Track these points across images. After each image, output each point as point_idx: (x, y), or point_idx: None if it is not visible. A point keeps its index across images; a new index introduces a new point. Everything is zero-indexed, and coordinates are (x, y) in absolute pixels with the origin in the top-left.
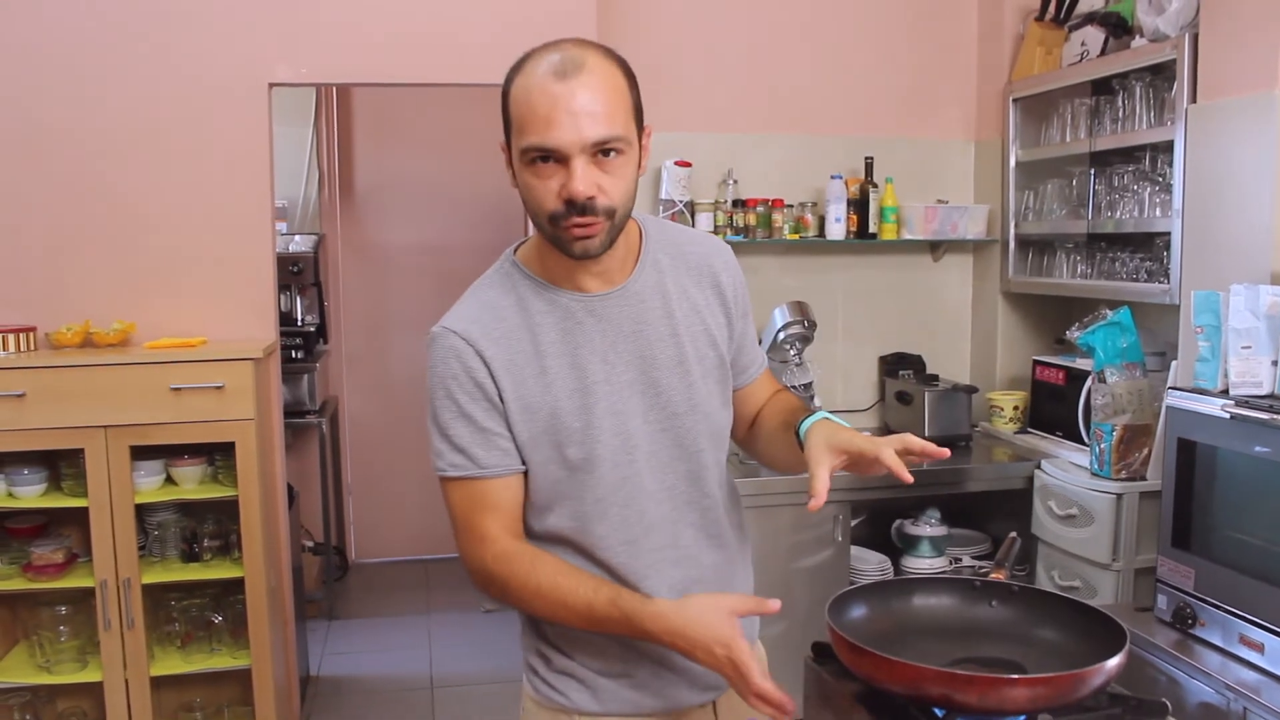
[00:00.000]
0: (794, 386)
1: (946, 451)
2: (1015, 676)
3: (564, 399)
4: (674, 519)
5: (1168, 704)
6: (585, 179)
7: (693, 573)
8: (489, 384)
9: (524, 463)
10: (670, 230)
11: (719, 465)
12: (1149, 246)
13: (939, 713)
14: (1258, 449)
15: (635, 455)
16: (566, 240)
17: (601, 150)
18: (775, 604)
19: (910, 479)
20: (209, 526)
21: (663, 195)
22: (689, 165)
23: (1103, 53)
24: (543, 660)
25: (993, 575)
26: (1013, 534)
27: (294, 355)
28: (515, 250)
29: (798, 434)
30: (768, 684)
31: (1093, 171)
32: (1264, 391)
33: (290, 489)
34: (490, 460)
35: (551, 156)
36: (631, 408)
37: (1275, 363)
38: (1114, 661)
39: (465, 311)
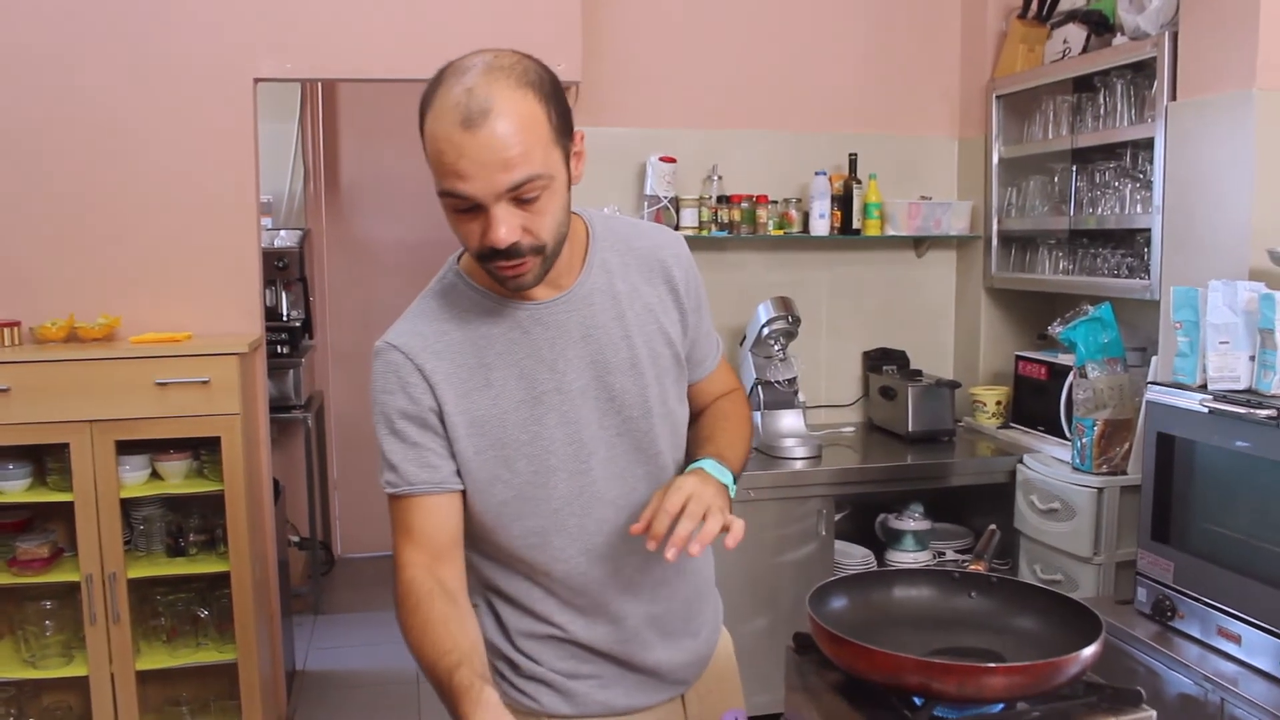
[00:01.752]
0: (778, 382)
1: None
2: (992, 665)
3: (511, 411)
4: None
5: (1142, 692)
6: (506, 226)
7: (656, 574)
8: (426, 399)
9: (461, 481)
10: (618, 226)
11: (679, 464)
12: (1130, 243)
13: (918, 701)
14: (1235, 443)
15: (591, 463)
16: (498, 278)
17: (520, 192)
18: None
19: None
20: (194, 521)
21: (647, 191)
22: (674, 161)
23: (1084, 50)
24: (510, 666)
25: (972, 567)
26: (992, 526)
27: (279, 350)
28: (459, 259)
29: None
30: None
31: (1074, 168)
32: (1241, 386)
33: (276, 484)
34: (419, 477)
35: (469, 204)
36: (585, 415)
37: (1252, 358)
38: (1089, 650)
39: (407, 325)
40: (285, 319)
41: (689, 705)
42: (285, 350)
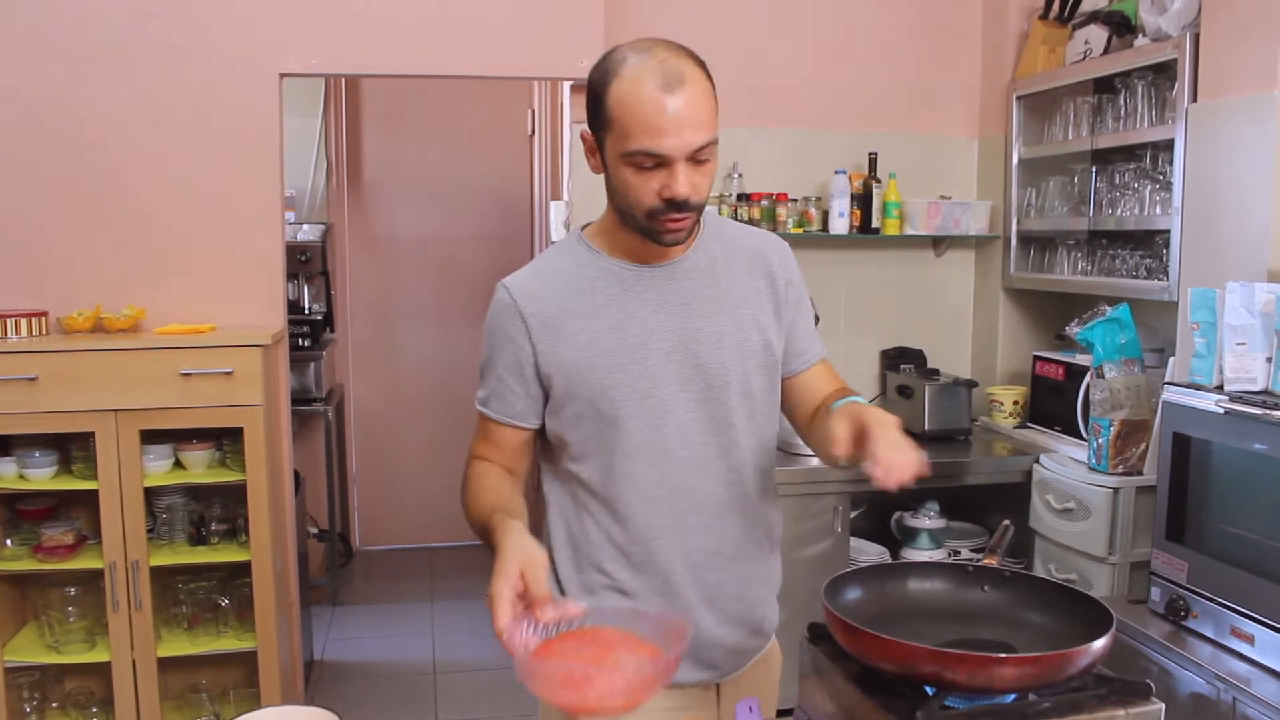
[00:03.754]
0: None
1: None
2: (1004, 656)
3: (598, 357)
4: (701, 488)
5: (1151, 685)
6: (687, 181)
7: (712, 544)
8: (522, 340)
9: (536, 421)
10: (726, 225)
11: (757, 449)
12: (1149, 244)
13: (930, 691)
14: (1251, 444)
15: (666, 420)
16: (660, 232)
17: (701, 153)
18: (576, 609)
19: (883, 484)
20: (216, 510)
21: None
22: None
23: (1105, 51)
24: None
25: (985, 561)
26: (1006, 521)
27: (301, 343)
28: (583, 228)
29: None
30: (507, 633)
31: (1094, 169)
32: (1258, 387)
33: (296, 475)
34: (497, 408)
35: (657, 161)
36: (667, 375)
37: (1269, 359)
38: (1100, 643)
39: (524, 272)
40: (307, 312)
41: (724, 694)
42: (307, 343)
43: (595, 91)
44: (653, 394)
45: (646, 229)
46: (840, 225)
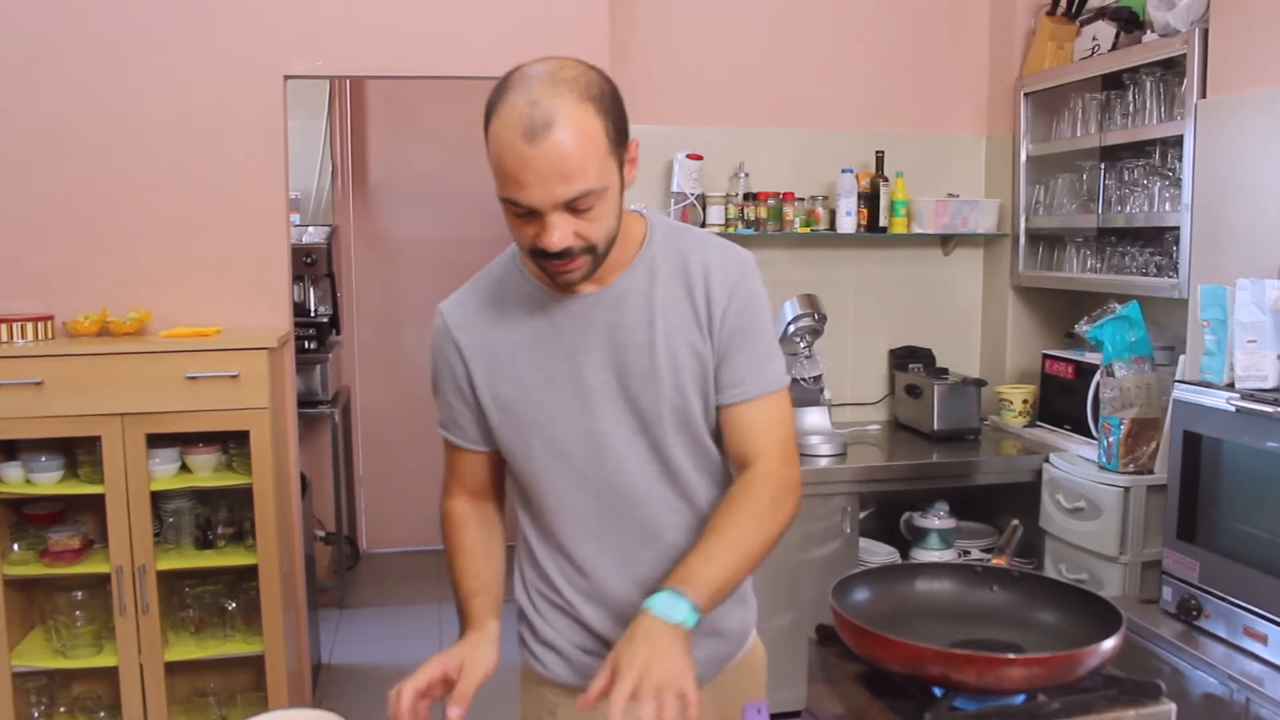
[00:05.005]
0: (804, 379)
1: None
2: (1012, 656)
3: (530, 394)
4: (650, 520)
5: (1162, 685)
6: (560, 232)
7: (666, 571)
8: (459, 367)
9: (489, 445)
10: (684, 238)
11: (704, 470)
12: (1158, 241)
13: (938, 692)
14: (1263, 442)
15: (604, 456)
16: (550, 274)
17: (575, 203)
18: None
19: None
20: (223, 514)
21: (674, 188)
22: (701, 158)
23: (1114, 47)
24: (530, 630)
25: (994, 561)
26: (1015, 521)
27: (307, 346)
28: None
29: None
30: (402, 698)
31: (1103, 166)
32: (1269, 385)
33: (303, 478)
34: (452, 432)
35: (526, 209)
36: (602, 410)
37: None
38: (1109, 643)
39: (459, 297)
40: (313, 314)
41: (705, 696)
42: (313, 345)
43: (486, 117)
44: (590, 430)
45: (540, 266)
46: (848, 224)
